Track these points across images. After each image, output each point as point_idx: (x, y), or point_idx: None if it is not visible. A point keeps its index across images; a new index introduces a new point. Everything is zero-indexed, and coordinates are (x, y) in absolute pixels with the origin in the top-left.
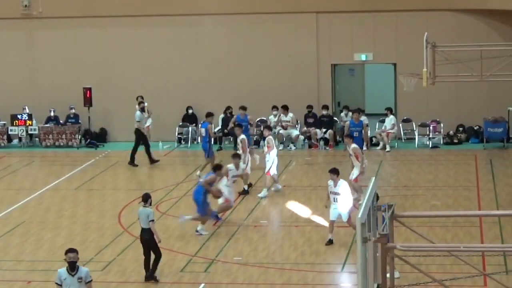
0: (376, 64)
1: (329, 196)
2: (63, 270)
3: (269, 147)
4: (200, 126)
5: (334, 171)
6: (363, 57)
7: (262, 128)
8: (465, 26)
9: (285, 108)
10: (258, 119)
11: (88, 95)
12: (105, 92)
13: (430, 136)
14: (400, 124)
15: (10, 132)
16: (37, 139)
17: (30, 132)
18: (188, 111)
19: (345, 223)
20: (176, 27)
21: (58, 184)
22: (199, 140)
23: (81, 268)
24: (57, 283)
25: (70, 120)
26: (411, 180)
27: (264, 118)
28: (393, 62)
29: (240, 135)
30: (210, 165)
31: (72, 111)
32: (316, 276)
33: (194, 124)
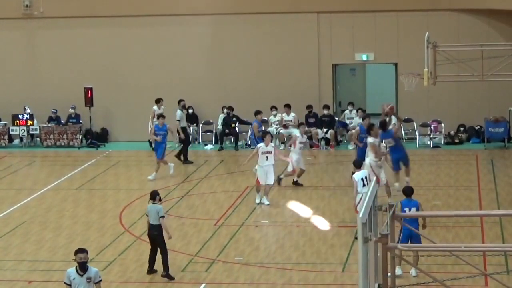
0: (377, 64)
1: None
2: (72, 270)
3: (295, 144)
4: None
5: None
6: (364, 57)
7: (298, 125)
8: (466, 26)
9: (288, 107)
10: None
11: (89, 95)
12: (106, 92)
13: (431, 136)
14: (401, 124)
15: (11, 132)
16: (38, 139)
17: (31, 132)
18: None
19: (346, 222)
20: (177, 27)
21: (59, 184)
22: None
23: (90, 268)
24: (66, 283)
25: (71, 120)
26: (412, 180)
27: (265, 118)
28: (394, 62)
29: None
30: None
31: (73, 111)
32: (317, 276)
33: (195, 124)
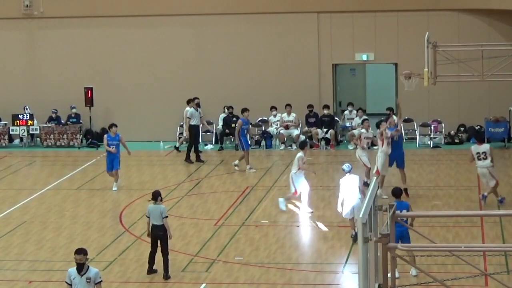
0: (377, 64)
1: None
2: (73, 269)
3: (382, 141)
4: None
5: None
6: (364, 57)
7: (380, 122)
8: (466, 26)
9: (289, 106)
10: (259, 119)
11: (89, 95)
12: (106, 92)
13: (431, 136)
14: (401, 124)
15: (11, 132)
16: (38, 139)
17: (31, 132)
18: (228, 111)
19: (346, 223)
20: (177, 27)
21: (59, 184)
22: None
23: (91, 268)
24: (67, 282)
25: (71, 120)
26: (412, 180)
27: (265, 118)
28: (394, 62)
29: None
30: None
31: (73, 111)
32: (317, 276)
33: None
